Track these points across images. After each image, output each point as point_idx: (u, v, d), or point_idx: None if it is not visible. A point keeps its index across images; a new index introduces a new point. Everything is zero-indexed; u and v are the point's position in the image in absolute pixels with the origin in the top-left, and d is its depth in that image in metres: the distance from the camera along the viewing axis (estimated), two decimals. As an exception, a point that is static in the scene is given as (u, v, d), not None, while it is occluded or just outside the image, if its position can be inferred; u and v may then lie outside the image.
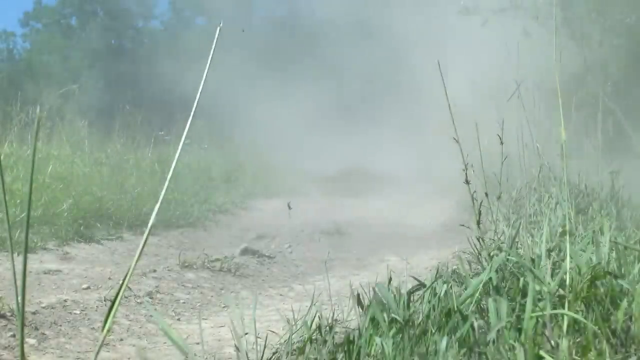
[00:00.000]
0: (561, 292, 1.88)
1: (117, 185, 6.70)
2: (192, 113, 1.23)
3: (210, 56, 1.26)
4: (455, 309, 1.86)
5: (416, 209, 8.32)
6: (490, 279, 2.03)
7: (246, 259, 4.97)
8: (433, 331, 1.85)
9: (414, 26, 11.99)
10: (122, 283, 1.10)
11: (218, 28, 1.32)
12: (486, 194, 2.74)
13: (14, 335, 2.69)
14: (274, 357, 2.18)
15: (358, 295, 2.18)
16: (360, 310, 2.12)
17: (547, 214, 3.03)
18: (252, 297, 3.72)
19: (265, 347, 2.13)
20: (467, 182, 2.53)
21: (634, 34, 7.66)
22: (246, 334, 1.98)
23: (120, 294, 1.10)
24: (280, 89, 15.31)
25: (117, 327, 3.05)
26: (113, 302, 1.08)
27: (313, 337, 2.06)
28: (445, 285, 2.01)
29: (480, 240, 2.66)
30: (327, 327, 2.07)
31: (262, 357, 2.08)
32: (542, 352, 1.57)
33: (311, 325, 2.11)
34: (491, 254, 2.44)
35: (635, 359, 1.64)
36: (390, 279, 2.21)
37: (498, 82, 7.28)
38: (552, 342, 1.63)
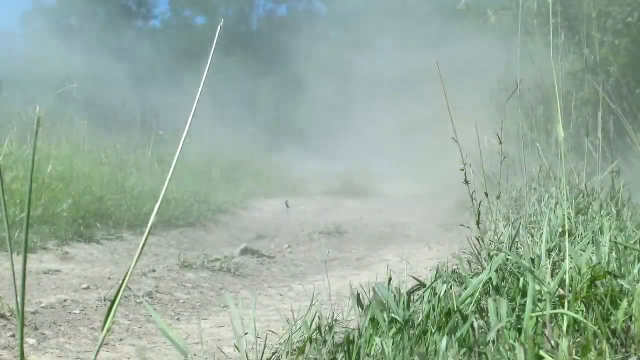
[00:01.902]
0: (561, 292, 1.88)
1: (117, 185, 6.69)
2: (192, 113, 1.23)
3: (211, 56, 1.26)
4: (455, 309, 1.86)
5: (416, 209, 8.32)
6: (490, 279, 2.03)
7: (246, 259, 4.97)
8: (433, 331, 1.85)
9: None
10: (122, 283, 1.10)
11: (219, 27, 1.32)
12: (486, 194, 2.74)
13: (13, 335, 2.69)
14: (274, 357, 2.18)
15: (358, 295, 2.18)
16: (360, 310, 2.12)
17: (547, 214, 3.03)
18: (252, 297, 3.72)
19: (265, 347, 2.13)
20: (466, 182, 2.53)
21: (634, 34, 7.66)
22: (246, 334, 1.98)
23: (120, 294, 1.09)
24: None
25: (117, 327, 3.04)
26: (113, 302, 1.08)
27: (313, 337, 2.06)
28: (445, 286, 2.01)
29: (480, 240, 2.66)
30: (327, 327, 2.07)
31: (262, 357, 2.08)
32: (542, 352, 1.57)
33: (311, 325, 2.11)
34: (491, 254, 2.44)
35: (636, 359, 1.64)
36: (390, 279, 2.21)
37: (499, 81, 7.29)
38: (552, 342, 1.63)
